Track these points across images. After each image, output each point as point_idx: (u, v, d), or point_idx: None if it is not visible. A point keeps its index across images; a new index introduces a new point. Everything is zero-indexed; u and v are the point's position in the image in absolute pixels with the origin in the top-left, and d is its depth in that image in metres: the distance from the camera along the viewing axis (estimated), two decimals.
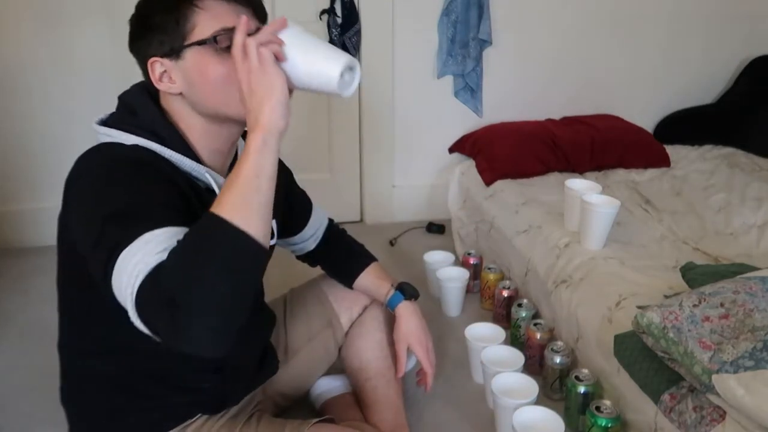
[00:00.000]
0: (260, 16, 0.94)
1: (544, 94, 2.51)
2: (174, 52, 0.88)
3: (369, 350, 1.30)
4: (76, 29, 2.11)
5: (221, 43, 0.86)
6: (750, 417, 0.95)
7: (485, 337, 1.52)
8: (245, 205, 0.74)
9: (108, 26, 2.12)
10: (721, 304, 1.09)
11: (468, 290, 1.89)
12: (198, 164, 0.91)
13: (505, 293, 1.74)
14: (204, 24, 0.86)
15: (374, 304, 1.33)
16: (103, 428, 1.03)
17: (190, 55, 0.87)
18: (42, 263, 2.17)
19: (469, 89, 2.41)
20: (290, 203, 1.22)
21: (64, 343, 1.02)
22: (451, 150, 2.46)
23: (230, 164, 1.01)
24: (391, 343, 1.30)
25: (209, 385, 1.02)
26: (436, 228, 2.48)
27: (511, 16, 2.37)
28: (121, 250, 0.74)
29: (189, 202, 0.87)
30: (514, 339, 1.63)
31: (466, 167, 2.28)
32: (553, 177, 2.11)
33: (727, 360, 0.99)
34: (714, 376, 0.99)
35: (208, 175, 0.91)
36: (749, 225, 1.76)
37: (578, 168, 2.17)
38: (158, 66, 0.90)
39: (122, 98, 0.96)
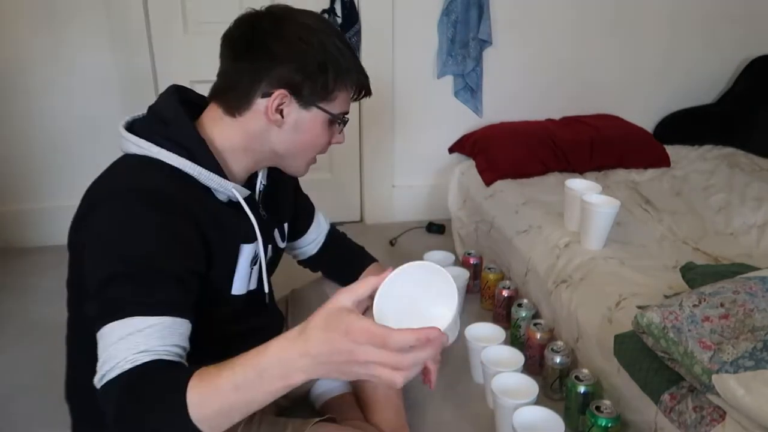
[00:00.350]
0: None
1: (544, 94, 2.51)
2: (307, 101, 0.93)
3: None
4: (76, 29, 2.11)
5: (340, 122, 0.99)
6: (750, 417, 0.95)
7: (485, 337, 1.52)
8: (225, 418, 0.72)
9: (108, 26, 2.12)
10: (721, 304, 1.09)
11: (468, 290, 1.89)
12: (225, 181, 0.93)
13: (505, 293, 1.74)
14: (340, 100, 0.97)
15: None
16: (106, 425, 1.03)
17: (315, 113, 0.95)
18: (42, 263, 2.18)
19: (469, 89, 2.41)
20: (296, 208, 1.23)
21: (70, 337, 1.03)
22: (451, 150, 2.46)
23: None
24: None
25: None
26: (436, 228, 2.48)
27: (511, 16, 2.37)
28: (111, 320, 0.78)
29: (207, 236, 0.89)
30: (514, 339, 1.63)
31: (466, 167, 2.28)
32: (553, 177, 2.11)
33: (727, 360, 0.99)
34: (714, 376, 0.99)
35: (234, 191, 0.94)
36: (749, 225, 1.76)
37: (578, 168, 2.17)
38: (283, 99, 0.92)
39: (154, 108, 0.96)
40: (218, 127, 0.95)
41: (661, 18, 2.52)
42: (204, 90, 1.00)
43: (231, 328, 0.99)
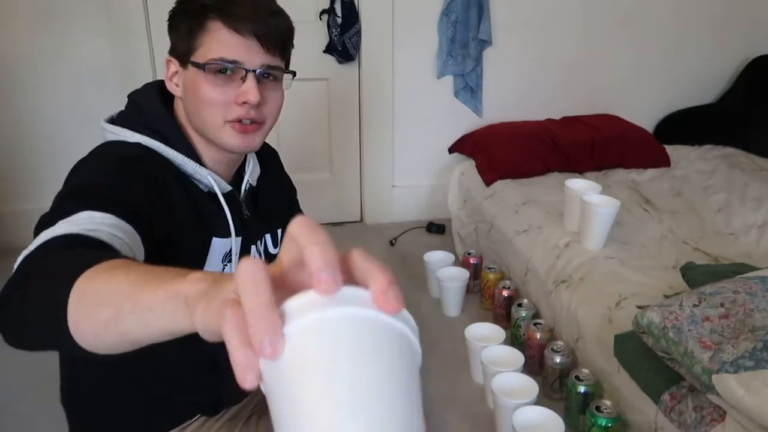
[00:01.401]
0: (271, 49, 0.87)
1: (544, 94, 2.52)
2: (183, 60, 0.91)
3: None
4: (76, 28, 2.11)
5: (210, 71, 0.86)
6: (750, 417, 0.95)
7: (485, 337, 1.52)
8: (93, 313, 0.51)
9: (107, 25, 2.12)
10: (721, 304, 1.09)
11: (468, 290, 1.89)
12: (200, 167, 0.90)
13: (505, 293, 1.74)
14: (208, 47, 0.87)
15: None
16: (102, 430, 1.03)
17: (192, 71, 0.89)
18: None
19: (469, 89, 2.41)
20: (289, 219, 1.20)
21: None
22: (451, 150, 2.46)
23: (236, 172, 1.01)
24: None
25: (205, 384, 1.02)
26: (436, 228, 2.48)
27: (511, 16, 2.37)
28: (51, 225, 0.66)
29: (173, 205, 0.85)
30: (514, 339, 1.63)
31: (466, 167, 2.28)
32: (553, 177, 2.11)
33: (727, 360, 0.99)
34: (714, 376, 0.99)
35: (210, 178, 0.90)
36: (749, 225, 1.76)
37: (578, 168, 2.17)
38: (172, 66, 0.92)
39: (131, 96, 0.97)
40: (179, 115, 0.93)
41: (662, 18, 2.52)
42: None
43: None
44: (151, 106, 0.92)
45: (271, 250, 1.12)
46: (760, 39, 2.63)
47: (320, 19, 2.23)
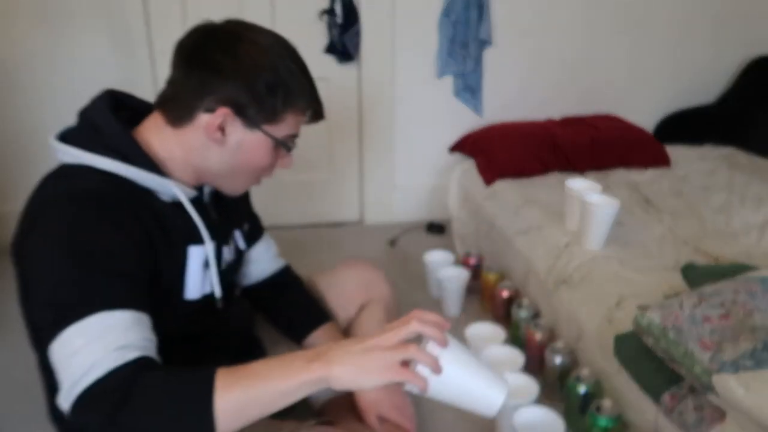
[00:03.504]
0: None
1: (545, 94, 2.52)
2: (252, 122, 0.90)
3: None
4: (76, 29, 2.12)
5: (282, 145, 0.94)
6: (750, 417, 0.95)
7: (485, 337, 1.52)
8: (243, 413, 0.74)
9: (107, 25, 2.12)
10: (722, 305, 1.09)
11: (468, 290, 1.89)
12: (164, 178, 0.90)
13: (505, 293, 1.74)
14: (287, 125, 0.93)
15: (371, 303, 1.33)
16: None
17: (259, 136, 0.91)
18: None
19: (469, 89, 2.41)
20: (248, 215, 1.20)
21: (40, 360, 0.99)
22: (451, 150, 2.46)
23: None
24: None
25: None
26: (436, 228, 2.48)
27: (511, 16, 2.37)
28: (72, 321, 0.74)
29: (151, 237, 0.86)
30: (514, 339, 1.63)
31: (466, 167, 2.28)
32: (553, 177, 2.11)
33: (728, 360, 0.99)
34: (714, 376, 0.99)
35: (175, 189, 0.91)
36: (749, 225, 1.76)
37: (578, 168, 2.17)
38: (225, 117, 0.88)
39: (84, 113, 0.95)
40: (158, 136, 0.92)
41: (662, 19, 2.52)
42: None
43: (184, 332, 0.94)
44: (107, 124, 0.90)
45: (241, 246, 1.12)
46: (760, 39, 2.63)
47: (320, 19, 2.23)
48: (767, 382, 0.94)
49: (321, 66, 2.29)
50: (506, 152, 2.17)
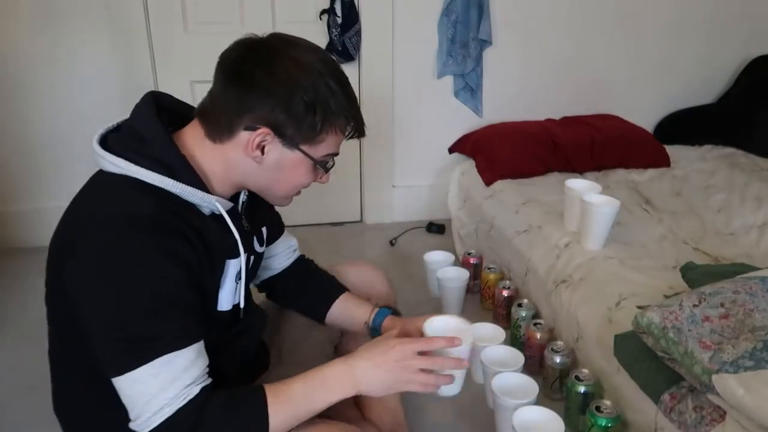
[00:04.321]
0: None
1: (545, 94, 2.51)
2: (291, 142, 0.90)
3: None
4: (76, 29, 2.11)
5: (321, 164, 0.95)
6: (750, 417, 0.95)
7: (485, 337, 1.52)
8: (292, 417, 0.87)
9: (108, 26, 2.12)
10: (721, 304, 1.09)
11: (468, 290, 1.89)
12: (207, 194, 0.90)
13: (505, 293, 1.74)
14: (327, 144, 0.93)
15: (371, 301, 1.33)
16: None
17: (298, 155, 0.91)
18: (42, 263, 2.17)
19: (469, 89, 2.41)
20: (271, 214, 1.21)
21: (54, 352, 1.00)
22: (451, 150, 2.46)
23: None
24: None
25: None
26: (436, 228, 2.48)
27: (511, 16, 2.37)
28: (144, 361, 0.79)
29: (198, 258, 0.87)
30: (514, 339, 1.63)
31: (466, 167, 2.28)
32: (553, 177, 2.11)
33: (727, 360, 0.99)
34: (714, 376, 0.99)
35: (217, 204, 0.92)
36: (749, 225, 1.76)
37: (578, 168, 2.17)
38: (265, 136, 0.88)
39: (130, 122, 0.93)
40: (200, 149, 0.91)
41: (662, 18, 2.52)
42: (205, 89, 0.98)
43: (210, 340, 0.95)
44: (153, 135, 0.89)
45: (258, 249, 1.12)
46: (760, 39, 2.63)
47: (320, 19, 2.23)
48: (767, 382, 0.94)
49: None
50: (506, 152, 2.17)
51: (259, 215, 1.09)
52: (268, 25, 2.22)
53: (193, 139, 0.92)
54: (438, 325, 1.06)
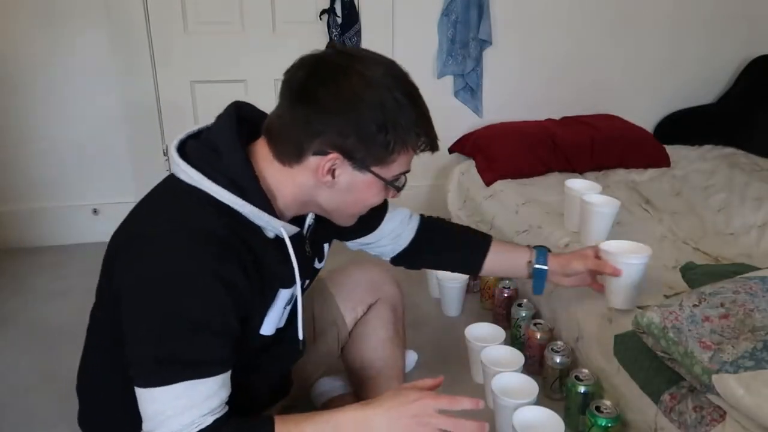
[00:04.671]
0: None
1: (544, 94, 2.51)
2: (361, 165, 0.88)
3: (371, 350, 1.30)
4: (76, 29, 2.11)
5: (392, 184, 0.93)
6: (750, 417, 0.95)
7: (485, 337, 1.52)
8: None
9: (107, 25, 2.12)
10: (721, 304, 1.09)
11: (468, 290, 1.89)
12: (274, 219, 0.89)
13: (505, 293, 1.74)
14: (399, 164, 0.91)
15: (379, 302, 1.33)
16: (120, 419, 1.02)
17: (369, 177, 0.89)
18: (42, 263, 2.18)
19: (469, 89, 2.41)
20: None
21: (93, 338, 1.02)
22: (451, 150, 2.45)
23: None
24: (396, 343, 1.30)
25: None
26: None
27: (511, 16, 2.37)
28: (170, 381, 0.80)
29: (251, 286, 0.87)
30: (514, 339, 1.63)
31: (466, 167, 2.28)
32: (553, 177, 2.11)
33: (727, 360, 0.99)
34: (714, 376, 0.99)
35: (282, 230, 0.91)
36: (749, 225, 1.76)
37: (578, 168, 2.17)
38: (335, 161, 0.86)
39: (211, 134, 0.91)
40: (269, 168, 0.90)
41: (662, 18, 2.52)
42: (205, 89, 0.98)
43: (245, 362, 0.96)
44: (230, 153, 0.87)
45: (316, 266, 1.11)
46: (760, 39, 2.63)
47: (320, 19, 2.23)
48: (767, 382, 0.94)
49: None
50: (506, 152, 2.17)
51: (323, 233, 1.08)
52: (268, 25, 2.22)
53: (263, 159, 0.90)
54: (613, 245, 1.20)
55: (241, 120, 0.92)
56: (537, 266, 1.25)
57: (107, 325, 0.92)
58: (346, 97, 0.83)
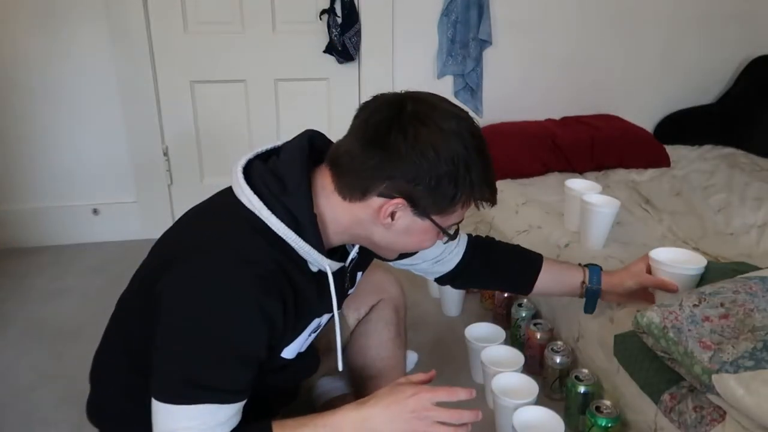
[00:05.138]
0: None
1: (544, 94, 2.51)
2: (423, 212, 0.88)
3: (373, 349, 1.30)
4: (76, 29, 2.11)
5: (446, 233, 0.93)
6: (750, 417, 0.95)
7: (485, 337, 1.52)
8: None
9: (107, 24, 2.11)
10: (721, 304, 1.09)
11: (468, 290, 1.89)
12: (322, 257, 0.90)
13: (505, 293, 1.74)
14: (458, 213, 0.92)
15: (381, 303, 1.33)
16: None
17: (428, 224, 0.90)
18: (41, 263, 2.18)
19: (469, 89, 2.41)
20: None
21: (103, 355, 1.03)
22: None
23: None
24: (397, 344, 1.30)
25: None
26: None
27: (511, 16, 2.37)
28: (190, 401, 0.81)
29: (286, 318, 0.88)
30: (514, 339, 1.63)
31: None
32: (553, 177, 2.11)
33: (727, 360, 0.99)
34: (714, 376, 0.99)
35: (328, 267, 0.92)
36: (749, 225, 1.76)
37: (578, 168, 2.17)
38: (398, 206, 0.87)
39: (279, 166, 0.91)
40: (327, 200, 0.90)
41: (662, 18, 2.52)
42: (205, 89, 0.98)
43: (268, 382, 0.97)
44: (295, 188, 0.88)
45: (349, 292, 1.12)
46: (760, 39, 2.63)
47: (320, 19, 2.22)
48: (767, 382, 0.94)
49: (321, 66, 2.29)
50: (506, 152, 2.17)
51: (361, 263, 1.09)
52: (268, 25, 2.22)
53: (323, 190, 0.91)
54: (664, 254, 1.19)
55: (312, 149, 0.93)
56: (591, 286, 1.25)
57: (137, 318, 0.93)
58: (423, 149, 0.83)
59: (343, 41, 2.22)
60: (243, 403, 0.87)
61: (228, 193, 0.91)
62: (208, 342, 0.82)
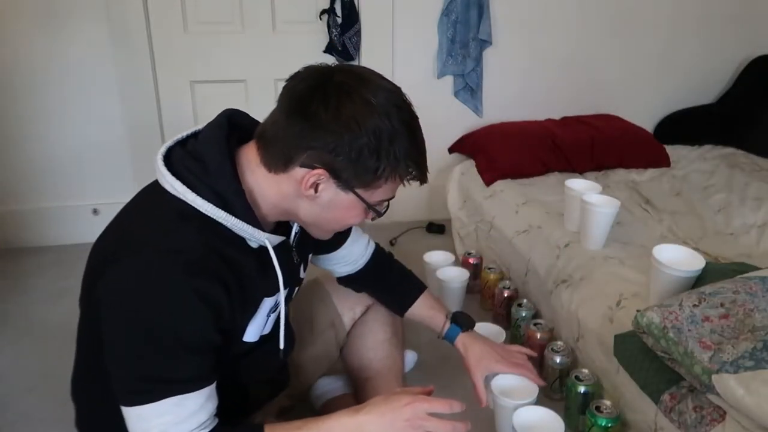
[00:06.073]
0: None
1: (544, 94, 2.51)
2: (346, 185, 0.87)
3: (370, 350, 1.30)
4: (76, 29, 2.11)
5: (373, 209, 0.93)
6: (750, 417, 0.95)
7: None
8: None
9: (106, 26, 2.12)
10: (721, 304, 1.09)
11: (468, 290, 1.89)
12: (259, 231, 0.89)
13: (505, 293, 1.74)
14: (384, 190, 0.90)
15: (377, 304, 1.33)
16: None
17: (352, 198, 0.89)
18: (42, 263, 2.18)
19: (469, 89, 2.41)
20: None
21: (82, 343, 1.01)
22: (451, 150, 2.46)
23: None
24: (394, 344, 1.30)
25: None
26: (436, 228, 2.48)
27: (511, 16, 2.37)
28: (153, 399, 0.80)
29: (231, 298, 0.87)
30: (514, 339, 1.63)
31: (466, 167, 2.28)
32: (553, 177, 2.11)
33: (727, 360, 0.99)
34: (714, 376, 0.99)
35: (266, 241, 0.91)
36: (749, 225, 1.76)
37: (578, 168, 2.17)
38: (320, 177, 0.86)
39: (199, 147, 0.89)
40: (253, 174, 0.90)
41: (661, 18, 2.52)
42: (205, 89, 0.98)
43: (231, 369, 0.96)
44: (217, 167, 0.87)
45: (301, 275, 1.11)
46: (760, 39, 2.63)
47: (320, 19, 2.23)
48: (767, 382, 0.94)
49: None
50: (506, 152, 2.17)
51: (311, 241, 1.07)
52: (268, 26, 2.22)
53: (249, 163, 0.90)
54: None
55: (232, 126, 0.91)
56: (446, 339, 1.29)
57: (92, 331, 0.91)
58: (345, 119, 0.82)
59: (343, 41, 2.22)
60: (211, 387, 0.86)
61: (154, 185, 0.91)
62: (153, 337, 0.80)
